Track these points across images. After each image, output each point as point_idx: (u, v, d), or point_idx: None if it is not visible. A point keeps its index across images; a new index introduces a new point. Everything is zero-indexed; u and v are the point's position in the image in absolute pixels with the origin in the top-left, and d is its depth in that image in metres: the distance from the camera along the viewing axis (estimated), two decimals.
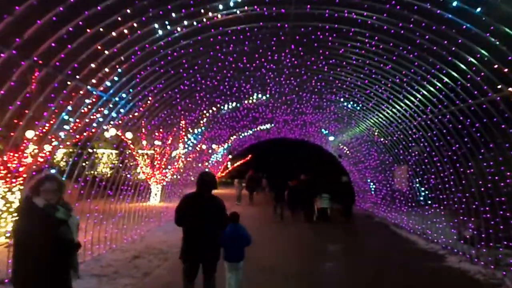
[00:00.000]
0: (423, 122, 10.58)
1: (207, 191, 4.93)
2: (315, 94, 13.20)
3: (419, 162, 12.22)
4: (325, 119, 17.20)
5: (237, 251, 5.51)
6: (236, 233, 5.48)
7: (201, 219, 4.78)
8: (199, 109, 12.99)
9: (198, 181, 4.97)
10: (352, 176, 22.67)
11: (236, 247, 5.49)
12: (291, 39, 8.47)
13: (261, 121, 18.74)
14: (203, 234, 4.79)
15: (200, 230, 4.79)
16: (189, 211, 4.84)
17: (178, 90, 10.08)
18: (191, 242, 4.86)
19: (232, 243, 5.46)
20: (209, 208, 4.86)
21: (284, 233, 12.81)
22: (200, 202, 4.86)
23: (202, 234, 4.79)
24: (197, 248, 4.82)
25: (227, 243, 5.44)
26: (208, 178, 5.05)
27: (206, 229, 4.80)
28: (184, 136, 15.07)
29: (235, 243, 5.47)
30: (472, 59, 6.49)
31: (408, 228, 13.41)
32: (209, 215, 4.83)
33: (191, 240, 4.86)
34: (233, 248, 5.46)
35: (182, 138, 15.09)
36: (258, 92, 13.17)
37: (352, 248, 10.87)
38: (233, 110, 15.09)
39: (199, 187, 4.95)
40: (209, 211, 4.85)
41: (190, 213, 4.82)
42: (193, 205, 4.88)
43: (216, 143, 19.86)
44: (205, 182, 4.93)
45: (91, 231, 8.58)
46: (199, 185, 4.96)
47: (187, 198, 5.14)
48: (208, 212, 4.83)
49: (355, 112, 14.22)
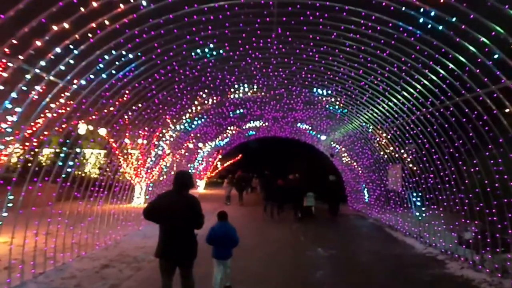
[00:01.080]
0: (422, 117, 9.71)
1: (183, 189, 4.95)
2: (306, 88, 12.25)
3: (416, 160, 11.39)
4: (316, 116, 16.24)
5: (225, 250, 5.81)
6: (224, 231, 5.80)
7: (175, 217, 4.79)
8: (180, 103, 11.97)
9: (174, 180, 5.05)
10: (345, 175, 21.86)
11: (224, 246, 5.79)
12: (277, 21, 7.52)
13: (249, 118, 17.71)
14: (177, 233, 4.80)
15: (174, 228, 4.81)
16: (163, 208, 4.83)
17: (153, 80, 9.07)
18: (164, 239, 4.88)
19: (220, 242, 5.77)
20: (184, 206, 4.83)
21: (273, 236, 11.93)
22: (175, 200, 4.87)
23: (176, 232, 4.80)
24: (171, 246, 4.82)
25: (215, 242, 5.77)
26: (184, 176, 5.10)
27: (180, 228, 4.81)
28: (166, 134, 14.08)
29: (223, 242, 5.78)
30: (484, 39, 5.57)
31: (403, 231, 12.63)
32: (183, 213, 4.81)
33: (165, 237, 4.88)
34: (221, 246, 5.78)
35: (161, 135, 14.08)
36: (244, 85, 12.21)
37: (345, 253, 10.04)
38: (218, 106, 14.10)
39: (175, 185, 5.00)
40: (184, 209, 4.82)
41: (164, 211, 4.81)
42: (167, 203, 4.88)
43: (202, 141, 18.76)
44: (181, 180, 5.00)
45: (55, 238, 7.66)
46: (174, 183, 5.01)
47: (162, 195, 5.18)
48: (182, 210, 4.81)
49: (347, 108, 13.34)
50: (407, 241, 11.62)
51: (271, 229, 13.43)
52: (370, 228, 14.52)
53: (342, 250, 10.34)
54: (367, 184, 17.27)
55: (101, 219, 10.11)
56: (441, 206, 10.83)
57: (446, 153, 9.42)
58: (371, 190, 16.82)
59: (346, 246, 10.88)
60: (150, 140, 14.55)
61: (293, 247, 10.47)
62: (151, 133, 13.60)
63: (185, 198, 4.91)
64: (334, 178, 17.39)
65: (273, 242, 11.03)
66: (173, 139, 15.45)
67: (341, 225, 15.17)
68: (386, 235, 12.96)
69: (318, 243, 10.88)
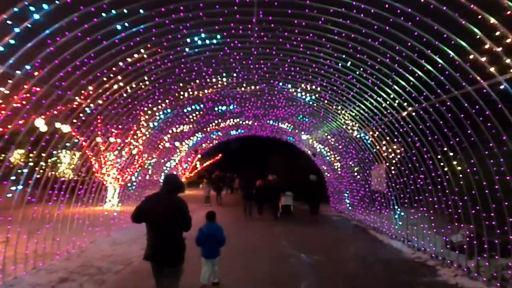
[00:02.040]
0: (413, 113, 9.04)
1: (173, 192, 4.88)
2: (288, 83, 11.42)
3: (404, 160, 10.78)
4: (299, 113, 15.40)
5: (213, 249, 6.13)
6: (212, 231, 6.11)
7: (163, 220, 4.69)
8: (152, 97, 10.92)
9: (163, 182, 4.98)
10: (327, 175, 21.22)
11: (212, 245, 6.10)
12: (259, 3, 6.63)
13: (229, 115, 16.73)
14: (165, 235, 4.72)
15: (162, 231, 4.72)
16: (152, 210, 4.75)
17: (118, 70, 8.02)
18: (152, 242, 4.80)
19: (208, 241, 6.07)
20: (173, 209, 4.74)
21: (253, 241, 11.08)
22: (164, 203, 4.76)
23: (164, 234, 4.72)
24: (158, 248, 4.74)
25: (204, 241, 6.06)
26: (175, 179, 5.04)
27: (169, 230, 4.72)
28: (138, 131, 13.02)
29: (211, 241, 6.08)
30: (495, 20, 4.83)
31: (389, 233, 12.02)
32: (172, 216, 4.72)
33: (153, 240, 4.79)
34: (209, 245, 6.09)
35: (134, 133, 13.00)
36: (222, 78, 11.27)
37: (330, 259, 9.29)
38: (195, 101, 13.10)
39: (164, 187, 4.92)
40: (173, 212, 4.73)
41: (152, 213, 4.72)
42: (156, 205, 4.79)
43: (179, 140, 17.65)
44: (171, 183, 4.92)
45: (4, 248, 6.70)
46: (163, 186, 4.94)
47: (150, 198, 5.07)
48: (172, 213, 4.72)
49: (332, 104, 12.61)
50: (394, 244, 11.01)
51: (251, 232, 12.59)
52: (355, 231, 13.86)
53: (327, 255, 9.59)
54: (351, 184, 16.63)
55: (63, 224, 9.02)
56: (431, 208, 10.26)
57: (439, 152, 8.80)
58: (354, 191, 16.19)
59: (331, 251, 10.14)
60: (123, 139, 13.57)
61: (275, 253, 9.64)
62: (125, 131, 12.66)
63: (174, 200, 4.81)
64: (315, 177, 17.09)
65: (253, 247, 10.18)
66: (146, 138, 14.36)
67: (324, 228, 14.47)
68: (372, 238, 12.32)
69: (301, 248, 10.11)
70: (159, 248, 4.71)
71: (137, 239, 10.92)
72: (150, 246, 4.80)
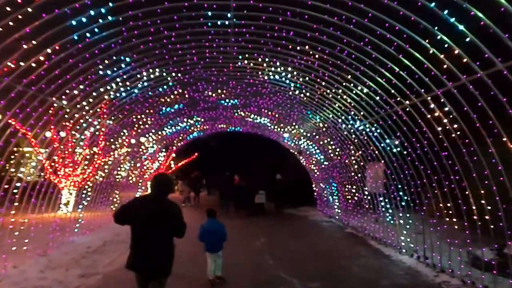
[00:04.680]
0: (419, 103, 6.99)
1: (163, 195, 4.39)
2: (276, 57, 9.08)
3: (402, 157, 9.07)
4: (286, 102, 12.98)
5: (215, 244, 6.66)
6: (212, 227, 6.70)
7: (151, 225, 4.18)
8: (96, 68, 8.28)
9: (153, 184, 4.46)
10: (313, 176, 19.11)
11: (214, 241, 6.63)
12: None
13: (203, 105, 14.18)
14: (152, 242, 4.17)
15: (149, 237, 4.18)
16: (136, 212, 4.26)
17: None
18: (137, 248, 4.26)
19: (210, 237, 6.63)
20: (163, 214, 4.23)
21: (233, 259, 8.66)
22: (153, 207, 4.25)
23: (150, 241, 4.17)
24: (143, 256, 4.21)
25: (206, 237, 6.64)
26: (164, 180, 4.56)
27: (156, 237, 4.19)
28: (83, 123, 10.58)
29: (212, 237, 6.63)
30: None
31: (396, 245, 9.96)
32: (162, 221, 4.20)
33: (137, 246, 4.25)
34: (211, 241, 6.63)
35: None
36: (193, 54, 8.90)
37: (330, 285, 7.22)
38: (158, 83, 10.53)
39: (153, 190, 4.41)
40: (163, 217, 4.22)
41: (136, 215, 4.24)
42: (141, 207, 4.31)
43: (143, 134, 14.95)
44: (161, 184, 4.44)
45: None
46: (152, 187, 4.44)
47: (138, 198, 4.73)
48: (161, 218, 4.21)
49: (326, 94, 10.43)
50: (406, 261, 8.98)
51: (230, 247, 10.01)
52: (352, 241, 11.70)
53: (325, 279, 7.49)
54: (343, 185, 14.56)
55: None
56: (444, 215, 8.35)
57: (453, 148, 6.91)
58: (348, 193, 14.15)
59: (330, 273, 7.98)
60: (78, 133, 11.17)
61: (260, 280, 7.40)
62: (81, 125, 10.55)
63: (165, 204, 4.31)
64: (280, 176, 18.30)
65: (232, 270, 7.67)
66: (99, 133, 11.90)
67: (315, 238, 12.31)
68: (375, 251, 10.21)
69: (291, 270, 8.02)
70: (143, 256, 4.21)
71: (80, 259, 8.51)
72: (133, 253, 4.29)
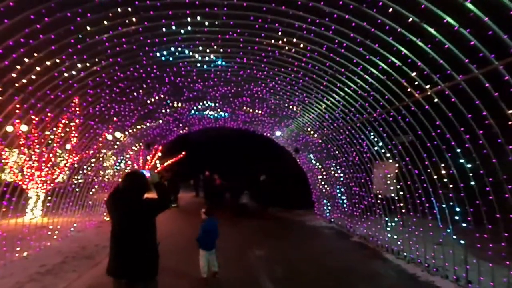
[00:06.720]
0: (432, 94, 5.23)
1: (139, 194, 3.98)
2: (279, 22, 7.20)
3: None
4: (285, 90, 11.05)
5: (210, 242, 6.80)
6: (213, 227, 6.85)
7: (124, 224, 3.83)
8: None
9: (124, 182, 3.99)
10: (311, 177, 17.31)
11: (210, 239, 6.79)
12: None
13: (187, 94, 12.15)
14: (131, 244, 3.80)
15: (127, 238, 3.81)
16: (114, 210, 3.94)
17: None
18: (116, 252, 3.86)
19: (207, 236, 6.76)
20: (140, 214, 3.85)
21: (221, 282, 6.85)
22: (125, 204, 3.89)
23: (130, 243, 3.80)
24: (123, 260, 3.81)
25: (203, 236, 6.75)
26: (133, 178, 4.03)
27: (136, 238, 3.80)
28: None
29: (209, 236, 6.78)
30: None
31: (421, 261, 8.14)
32: (140, 222, 3.83)
33: (116, 249, 3.86)
34: (207, 239, 6.75)
35: None
36: (179, 29, 7.01)
37: None
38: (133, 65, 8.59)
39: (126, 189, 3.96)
40: (141, 217, 3.84)
41: (114, 213, 3.93)
42: (120, 208, 3.90)
43: (119, 129, 12.90)
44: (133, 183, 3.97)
45: None
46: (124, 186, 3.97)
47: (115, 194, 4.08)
48: (139, 218, 3.83)
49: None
50: (442, 285, 7.13)
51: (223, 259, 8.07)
52: (363, 255, 9.76)
53: None
54: (350, 188, 12.76)
55: None
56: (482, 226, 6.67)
57: None
58: (354, 195, 12.38)
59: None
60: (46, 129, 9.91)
61: None
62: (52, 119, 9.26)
63: (140, 204, 3.91)
64: (265, 177, 18.16)
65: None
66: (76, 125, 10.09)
67: (320, 252, 10.15)
68: (398, 271, 8.21)
69: None
70: (124, 260, 3.78)
71: (24, 284, 6.58)
72: (113, 258, 3.85)
